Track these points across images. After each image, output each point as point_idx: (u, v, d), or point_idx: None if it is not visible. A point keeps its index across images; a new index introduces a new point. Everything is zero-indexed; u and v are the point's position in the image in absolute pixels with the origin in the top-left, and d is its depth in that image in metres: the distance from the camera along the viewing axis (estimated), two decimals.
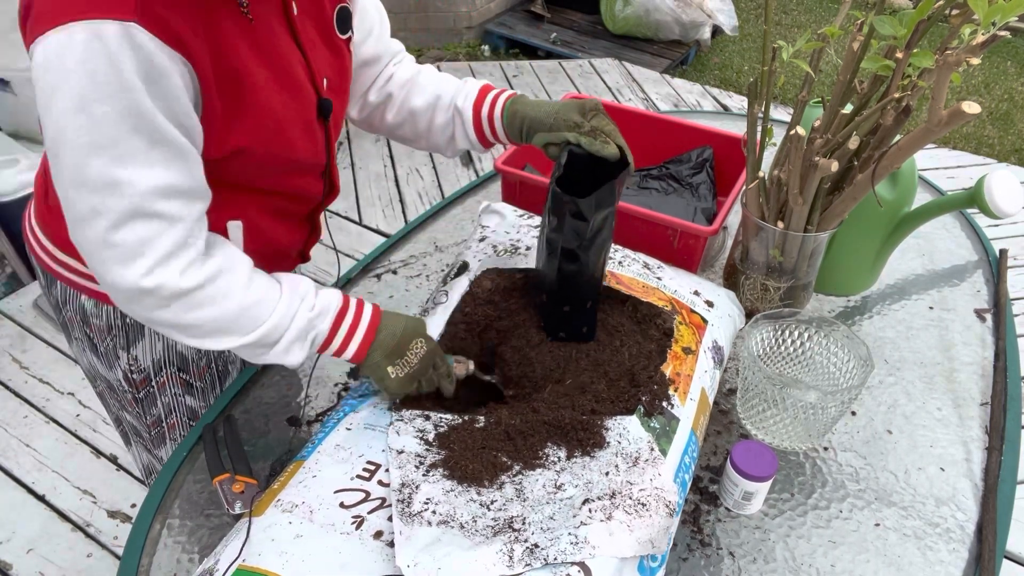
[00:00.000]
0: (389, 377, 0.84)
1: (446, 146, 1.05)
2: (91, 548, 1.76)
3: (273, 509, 0.73)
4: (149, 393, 1.03)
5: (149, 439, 1.09)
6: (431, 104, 1.02)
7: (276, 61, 0.79)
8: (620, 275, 1.01)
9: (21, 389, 2.13)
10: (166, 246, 0.72)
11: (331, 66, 0.89)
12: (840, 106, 0.95)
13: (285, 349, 0.80)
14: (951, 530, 0.88)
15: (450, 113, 1.01)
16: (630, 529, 0.69)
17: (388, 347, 0.84)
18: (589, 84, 3.71)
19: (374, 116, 1.07)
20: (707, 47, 4.21)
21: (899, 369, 1.09)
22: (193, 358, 1.03)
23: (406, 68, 1.05)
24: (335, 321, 0.83)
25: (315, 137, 0.88)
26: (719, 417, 1.00)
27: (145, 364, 1.00)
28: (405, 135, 1.07)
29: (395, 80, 1.04)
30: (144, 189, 0.69)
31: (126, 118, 0.66)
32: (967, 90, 3.98)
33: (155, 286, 0.72)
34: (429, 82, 1.03)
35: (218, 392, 1.08)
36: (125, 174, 0.68)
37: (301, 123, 0.85)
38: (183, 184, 0.72)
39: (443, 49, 4.17)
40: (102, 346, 0.98)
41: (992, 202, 1.09)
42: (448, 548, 0.68)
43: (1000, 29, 0.76)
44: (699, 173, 1.35)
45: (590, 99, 0.91)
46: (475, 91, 1.00)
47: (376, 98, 1.05)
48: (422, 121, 1.03)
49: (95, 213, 0.69)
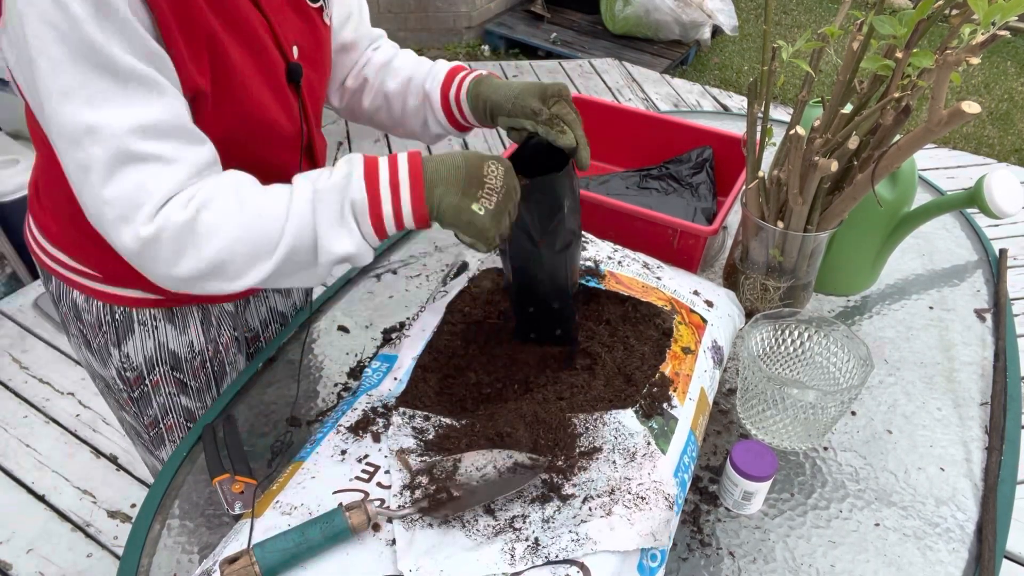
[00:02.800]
0: (478, 215, 0.71)
1: (422, 132, 1.02)
2: (91, 548, 1.76)
3: (272, 511, 0.73)
4: (144, 392, 1.02)
5: (149, 440, 1.09)
6: (403, 87, 0.99)
7: (236, 20, 0.76)
8: (620, 275, 1.01)
9: (21, 389, 2.13)
10: (165, 188, 0.67)
11: (302, 33, 0.86)
12: (840, 106, 0.95)
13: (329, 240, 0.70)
14: (951, 530, 0.88)
15: (421, 96, 0.98)
16: (631, 523, 0.69)
17: (458, 180, 0.72)
18: (589, 84, 3.71)
19: (354, 102, 1.05)
20: (707, 47, 4.21)
21: (899, 369, 1.09)
22: (186, 356, 1.02)
23: (383, 52, 1.03)
24: (367, 176, 0.71)
25: (288, 103, 0.85)
26: (719, 417, 1.00)
27: (137, 362, 0.99)
28: (383, 121, 1.05)
29: (372, 63, 1.02)
30: (122, 129, 0.65)
31: (84, 57, 0.63)
32: (967, 90, 3.98)
33: (157, 230, 0.67)
34: (403, 65, 1.00)
35: (215, 392, 1.07)
36: (98, 116, 0.64)
37: (269, 85, 0.81)
38: (167, 121, 0.67)
39: (443, 49, 4.17)
40: (95, 343, 0.98)
41: (992, 202, 1.09)
42: (450, 549, 0.68)
43: (1000, 29, 0.76)
44: (699, 173, 1.35)
45: (553, 84, 0.85)
46: (443, 73, 0.96)
47: (353, 83, 1.03)
48: (396, 105, 1.01)
49: (84, 169, 0.66)
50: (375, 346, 1.10)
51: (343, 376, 1.05)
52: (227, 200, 0.70)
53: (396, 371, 0.90)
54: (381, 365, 0.93)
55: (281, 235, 0.70)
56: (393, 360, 0.93)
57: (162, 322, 0.98)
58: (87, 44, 0.62)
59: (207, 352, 1.04)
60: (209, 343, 1.03)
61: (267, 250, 0.70)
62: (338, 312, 1.17)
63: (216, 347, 1.04)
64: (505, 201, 0.73)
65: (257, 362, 1.06)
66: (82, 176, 0.66)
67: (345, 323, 1.14)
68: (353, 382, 1.04)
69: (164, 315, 0.98)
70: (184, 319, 1.00)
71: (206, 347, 1.03)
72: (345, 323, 1.14)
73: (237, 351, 1.09)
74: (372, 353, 1.08)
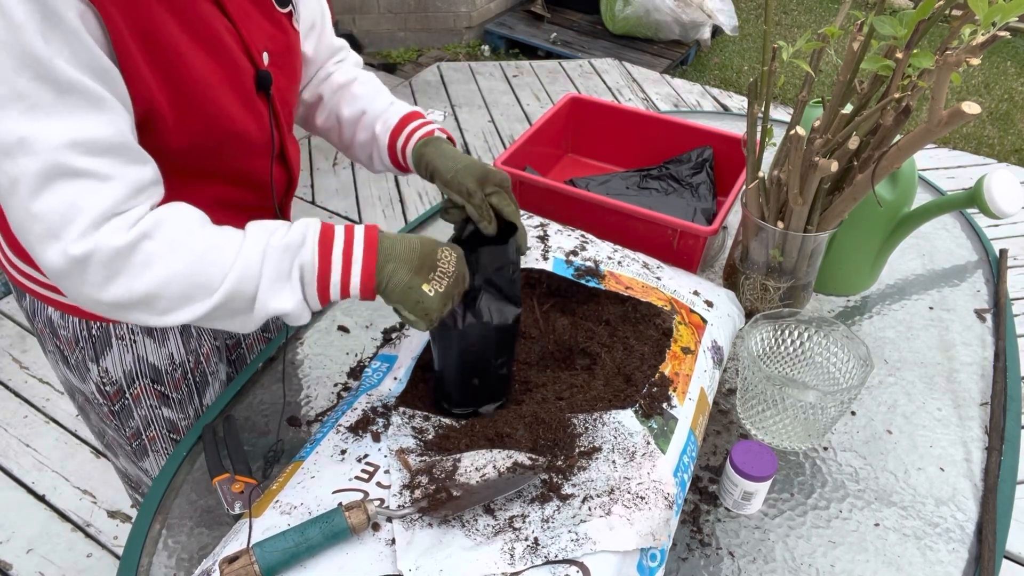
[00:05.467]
0: (428, 296, 0.73)
1: (367, 163, 1.02)
2: (91, 548, 1.76)
3: (272, 511, 0.73)
4: (124, 406, 1.00)
5: (131, 451, 1.06)
6: (356, 118, 0.99)
7: (199, 28, 0.74)
8: (620, 275, 1.01)
9: (21, 389, 2.13)
10: (99, 207, 0.64)
11: (272, 39, 0.84)
12: (840, 106, 0.95)
13: (268, 295, 0.69)
14: (951, 530, 0.88)
15: (370, 134, 0.98)
16: (630, 522, 0.69)
17: (412, 260, 0.73)
18: (589, 84, 3.71)
19: (308, 116, 1.05)
20: (707, 47, 4.21)
21: (899, 369, 1.09)
22: (167, 369, 0.99)
23: (345, 72, 1.02)
24: (322, 242, 0.71)
25: (257, 111, 0.83)
26: (719, 417, 1.00)
27: (116, 376, 0.96)
28: (334, 142, 1.05)
29: (330, 82, 1.02)
30: (57, 143, 0.62)
31: (25, 66, 0.60)
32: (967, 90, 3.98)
33: (88, 251, 0.64)
34: (362, 94, 1.00)
35: (197, 403, 1.04)
36: (33, 128, 0.61)
37: (236, 94, 0.79)
38: (106, 138, 0.65)
39: (443, 49, 4.17)
40: (72, 358, 0.95)
41: (992, 202, 1.09)
42: (449, 549, 0.68)
43: (1000, 29, 0.76)
44: (699, 173, 1.35)
45: (496, 172, 0.86)
46: (395, 119, 0.96)
47: (309, 97, 1.02)
48: (347, 133, 1.01)
49: (13, 181, 0.63)
50: (375, 346, 1.10)
51: (343, 376, 1.05)
52: (175, 234, 0.68)
53: (396, 371, 0.90)
54: (381, 365, 0.93)
55: (223, 280, 0.68)
56: (393, 360, 0.93)
57: (141, 336, 0.95)
58: (29, 53, 0.60)
59: (188, 364, 1.01)
60: (190, 354, 1.01)
61: (205, 292, 0.69)
62: (338, 312, 1.17)
63: (197, 358, 1.02)
64: (454, 286, 0.76)
65: (257, 361, 1.06)
66: (11, 188, 0.63)
67: (345, 323, 1.14)
68: (353, 382, 1.04)
69: (143, 329, 0.95)
70: (163, 332, 0.97)
71: (187, 359, 1.01)
72: (345, 323, 1.14)
73: (219, 360, 1.07)
74: (372, 353, 1.08)
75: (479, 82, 3.73)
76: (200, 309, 0.69)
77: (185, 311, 0.69)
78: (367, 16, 4.02)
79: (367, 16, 4.02)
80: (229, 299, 0.69)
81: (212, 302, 0.69)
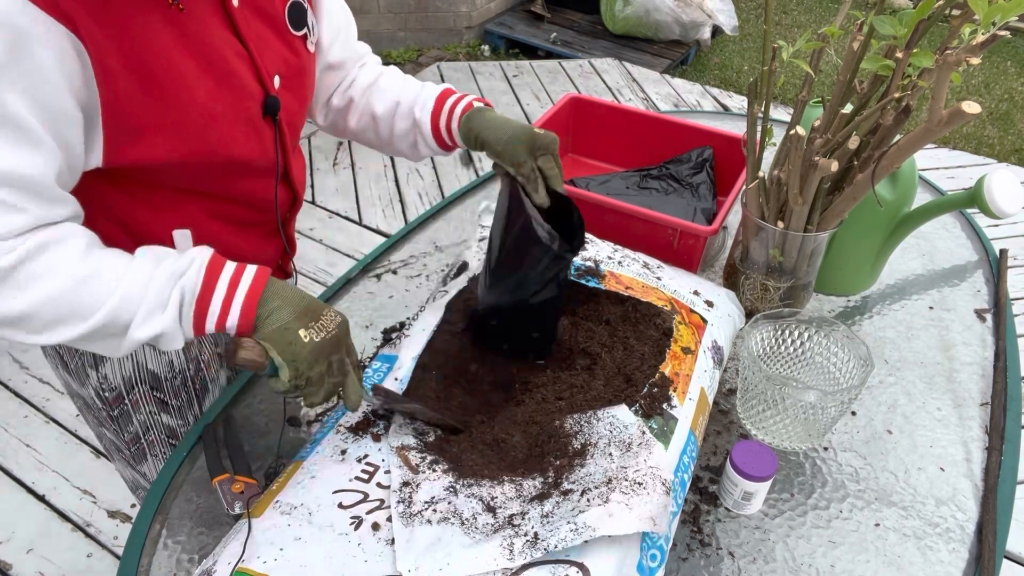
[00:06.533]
0: (301, 341, 0.71)
1: (410, 152, 1.03)
2: (91, 548, 1.76)
3: (272, 511, 0.73)
4: (124, 411, 0.99)
5: (130, 455, 1.06)
6: (391, 110, 1.00)
7: (208, 53, 0.75)
8: (620, 275, 1.01)
9: (21, 389, 2.13)
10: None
11: (285, 62, 0.85)
12: (840, 106, 0.95)
13: (143, 320, 0.68)
14: (951, 530, 0.88)
15: (410, 121, 0.99)
16: (629, 507, 0.69)
17: (297, 305, 0.73)
18: (589, 84, 3.71)
19: (338, 121, 1.06)
20: (707, 47, 4.21)
21: (899, 369, 1.09)
22: (166, 376, 0.98)
23: (369, 71, 1.03)
24: (210, 267, 0.70)
25: (261, 136, 0.84)
26: (719, 417, 1.00)
27: (116, 382, 0.96)
28: (370, 141, 1.06)
29: (357, 84, 1.03)
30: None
31: None
32: (967, 90, 3.98)
33: None
34: (390, 86, 1.01)
35: (196, 410, 1.04)
36: None
37: (240, 119, 0.80)
38: (28, 175, 0.64)
39: (443, 49, 4.17)
40: (72, 363, 0.95)
41: (992, 202, 1.09)
42: (449, 547, 0.68)
43: (1000, 29, 0.76)
44: (699, 173, 1.35)
45: (544, 135, 0.87)
46: (432, 100, 0.97)
47: (339, 102, 1.03)
48: (384, 128, 1.02)
49: None
50: (375, 346, 1.10)
51: None
52: (57, 258, 0.67)
53: (396, 371, 0.90)
54: (381, 365, 0.93)
55: (100, 307, 0.68)
56: (393, 360, 0.93)
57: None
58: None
59: (188, 371, 1.00)
60: (190, 362, 1.00)
61: (79, 318, 0.68)
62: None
63: (197, 365, 1.02)
64: (331, 346, 0.74)
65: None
66: None
67: None
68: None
69: None
70: None
71: (187, 366, 1.00)
72: None
73: (219, 367, 1.07)
74: (372, 353, 1.08)
75: (479, 82, 3.73)
76: (75, 331, 0.68)
77: (58, 332, 0.68)
78: (367, 16, 4.02)
79: (367, 16, 4.02)
80: (104, 326, 0.68)
81: (86, 327, 0.68)
